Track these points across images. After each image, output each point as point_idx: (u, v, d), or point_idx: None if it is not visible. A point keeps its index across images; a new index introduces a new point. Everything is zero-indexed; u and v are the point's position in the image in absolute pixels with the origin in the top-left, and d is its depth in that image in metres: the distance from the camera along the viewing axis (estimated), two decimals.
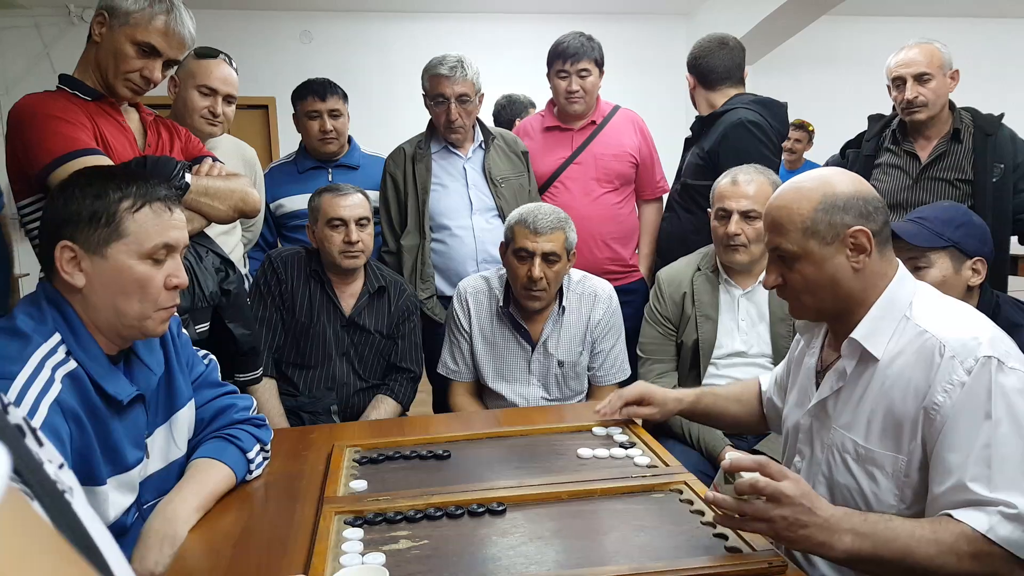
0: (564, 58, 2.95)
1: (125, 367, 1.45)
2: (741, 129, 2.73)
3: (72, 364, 1.32)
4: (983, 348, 1.29)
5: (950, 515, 1.24)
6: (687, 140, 3.02)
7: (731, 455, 1.26)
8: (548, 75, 3.04)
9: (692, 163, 2.84)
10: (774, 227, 1.46)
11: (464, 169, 2.92)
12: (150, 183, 1.41)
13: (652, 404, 1.86)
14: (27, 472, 0.48)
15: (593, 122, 3.07)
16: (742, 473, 1.22)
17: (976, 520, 1.21)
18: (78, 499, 0.54)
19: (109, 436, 1.35)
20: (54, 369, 1.29)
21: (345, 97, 3.14)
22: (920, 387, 1.33)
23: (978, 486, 1.23)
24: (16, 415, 0.54)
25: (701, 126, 2.90)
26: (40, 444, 0.56)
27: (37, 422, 1.20)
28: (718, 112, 2.84)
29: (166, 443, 1.54)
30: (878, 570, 1.25)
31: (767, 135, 2.75)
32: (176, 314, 1.54)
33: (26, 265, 6.18)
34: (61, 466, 0.56)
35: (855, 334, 1.42)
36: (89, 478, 1.32)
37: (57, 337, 1.33)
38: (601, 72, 3.02)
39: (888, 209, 1.47)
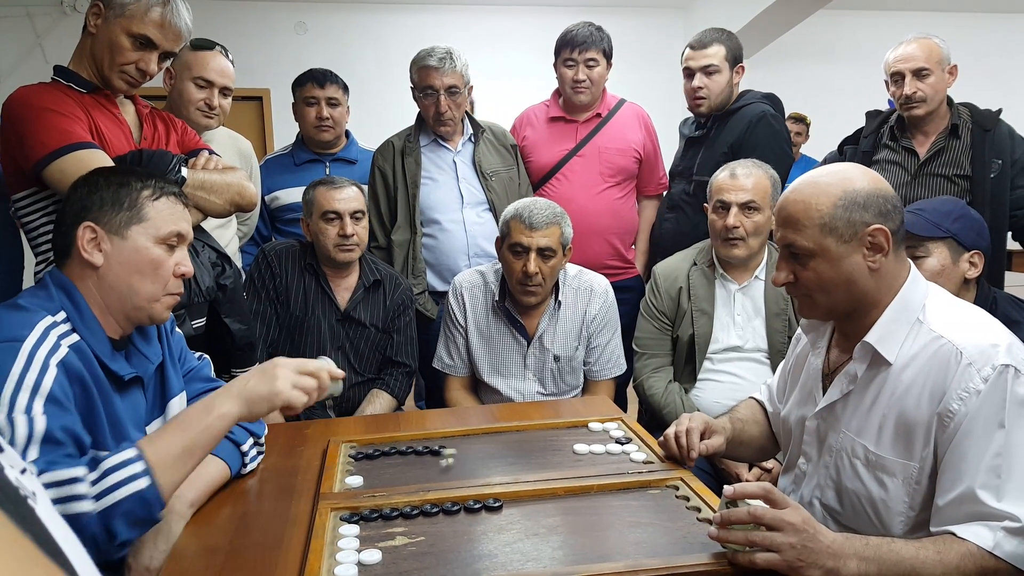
0: (572, 46, 2.92)
1: (125, 355, 1.50)
2: (767, 122, 2.77)
3: (76, 337, 1.38)
4: (1001, 356, 1.27)
5: (953, 533, 1.23)
6: (691, 139, 2.98)
7: (736, 485, 1.23)
8: (555, 64, 3.01)
9: (711, 160, 2.76)
10: (789, 222, 1.41)
11: (454, 162, 2.90)
12: (166, 179, 1.54)
13: (715, 432, 1.66)
14: None
15: (599, 115, 3.05)
16: (747, 500, 1.20)
17: (981, 537, 1.21)
18: (42, 504, 0.53)
19: (113, 410, 1.40)
20: (60, 337, 1.34)
21: (346, 89, 3.13)
22: (935, 394, 1.31)
23: (986, 495, 1.22)
24: None
25: (715, 122, 2.89)
26: (0, 449, 0.55)
27: (48, 381, 1.26)
28: (734, 108, 2.85)
29: None
30: None
31: (786, 129, 2.79)
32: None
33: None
34: (23, 471, 0.55)
35: (869, 338, 1.39)
36: (95, 445, 1.35)
37: (62, 314, 1.39)
38: (609, 64, 2.99)
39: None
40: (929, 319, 1.38)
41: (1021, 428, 1.24)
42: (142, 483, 1.24)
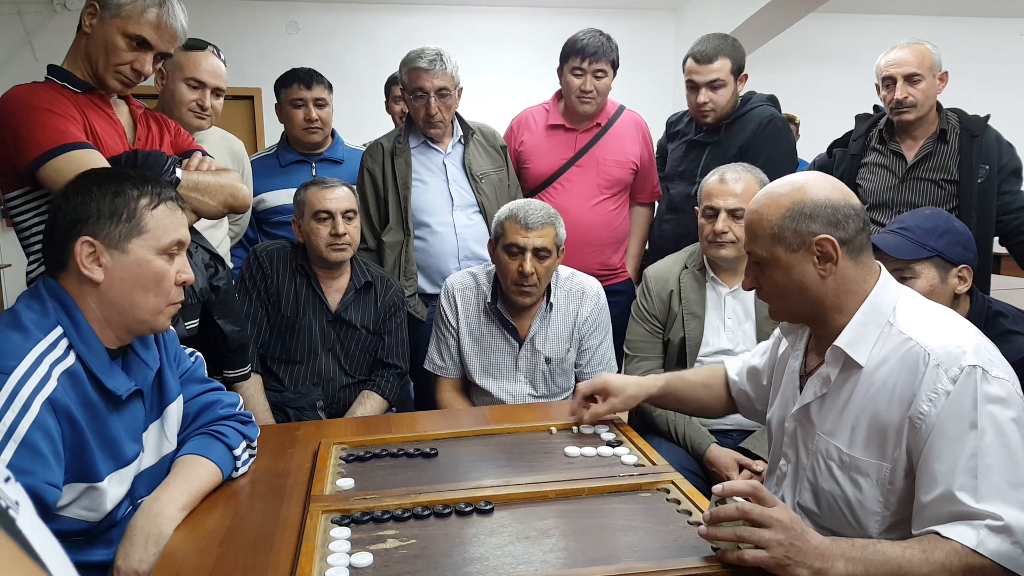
0: (583, 56, 2.89)
1: (123, 362, 1.47)
2: (776, 125, 2.82)
3: (71, 360, 1.34)
4: (968, 357, 1.29)
5: (938, 532, 1.24)
6: (694, 142, 2.98)
7: (725, 483, 1.25)
8: (560, 70, 2.98)
9: (718, 163, 2.66)
10: (748, 232, 1.49)
11: (444, 164, 2.89)
12: (160, 182, 1.48)
13: (611, 394, 1.84)
14: None
15: (598, 124, 3.03)
16: (736, 498, 1.22)
17: (964, 536, 1.22)
18: (24, 514, 0.52)
19: (108, 431, 1.38)
20: (52, 366, 1.30)
21: (330, 87, 3.11)
22: (905, 396, 1.33)
23: (965, 496, 1.24)
24: None
25: (724, 127, 2.90)
26: None
27: (29, 419, 1.23)
28: (742, 112, 2.88)
29: (158, 438, 1.56)
30: None
31: (790, 131, 2.84)
32: None
33: (8, 256, 6.15)
34: (7, 479, 0.55)
35: (839, 342, 1.42)
36: (85, 475, 1.34)
37: (58, 331, 1.35)
38: (614, 74, 2.98)
39: (868, 215, 1.48)
40: (899, 321, 1.40)
41: (993, 428, 1.26)
42: None
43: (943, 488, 1.26)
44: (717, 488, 1.23)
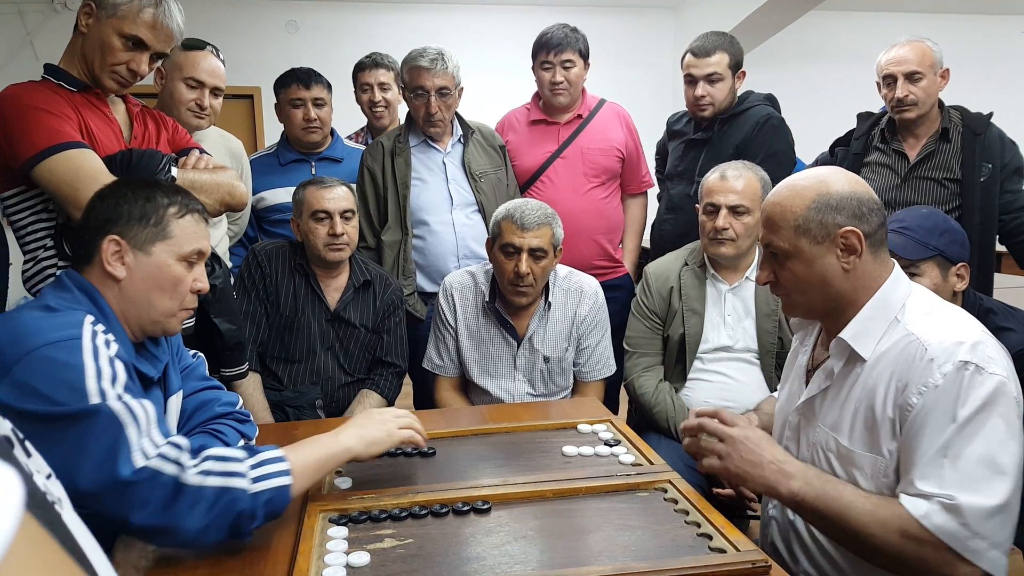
0: (548, 49, 2.93)
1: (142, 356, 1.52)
2: (772, 124, 2.83)
3: (110, 337, 1.38)
4: (962, 353, 1.30)
5: (898, 497, 1.29)
6: (692, 140, 2.98)
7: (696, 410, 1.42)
8: (533, 67, 3.02)
9: (716, 162, 2.66)
10: (768, 224, 1.47)
11: (443, 163, 2.89)
12: (192, 195, 1.56)
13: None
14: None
15: (579, 116, 3.05)
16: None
17: (915, 506, 1.26)
18: (67, 509, 0.53)
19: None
20: (103, 334, 1.35)
21: (329, 87, 3.11)
22: (899, 389, 1.34)
23: (925, 484, 1.26)
24: (4, 426, 0.54)
25: (719, 125, 2.90)
26: (28, 455, 0.55)
27: (121, 372, 1.29)
28: (739, 110, 2.89)
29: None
30: (818, 523, 1.35)
31: (789, 131, 2.87)
32: None
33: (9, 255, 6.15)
34: (49, 476, 0.56)
35: (843, 334, 1.43)
36: None
37: (90, 317, 1.38)
38: (586, 64, 2.99)
39: (884, 210, 1.48)
40: (907, 318, 1.40)
41: (971, 422, 1.26)
42: (286, 480, 1.30)
43: (909, 477, 1.30)
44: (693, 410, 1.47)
